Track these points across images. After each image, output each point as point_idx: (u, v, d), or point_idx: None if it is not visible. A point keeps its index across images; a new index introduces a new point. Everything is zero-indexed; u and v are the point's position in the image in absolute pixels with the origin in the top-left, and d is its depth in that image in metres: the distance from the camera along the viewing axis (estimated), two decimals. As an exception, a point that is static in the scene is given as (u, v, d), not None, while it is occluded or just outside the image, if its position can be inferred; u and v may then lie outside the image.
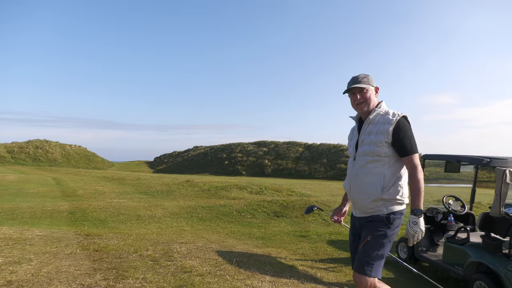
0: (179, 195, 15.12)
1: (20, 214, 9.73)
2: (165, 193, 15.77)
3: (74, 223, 8.87)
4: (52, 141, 57.72)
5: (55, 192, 15.42)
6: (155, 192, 16.16)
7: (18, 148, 52.36)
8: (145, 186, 18.19)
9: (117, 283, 3.59)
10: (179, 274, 4.01)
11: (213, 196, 14.35)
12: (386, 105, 2.68)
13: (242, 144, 58.27)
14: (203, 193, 15.31)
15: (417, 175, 2.42)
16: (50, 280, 3.60)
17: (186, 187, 17.03)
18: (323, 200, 12.11)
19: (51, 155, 52.90)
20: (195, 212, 10.95)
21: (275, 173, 45.57)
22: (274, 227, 9.24)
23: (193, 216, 10.46)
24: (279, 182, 22.13)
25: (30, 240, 5.55)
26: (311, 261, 5.55)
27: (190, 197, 14.54)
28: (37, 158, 50.84)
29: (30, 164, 47.57)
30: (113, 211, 10.68)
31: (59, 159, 53.17)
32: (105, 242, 5.70)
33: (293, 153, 49.01)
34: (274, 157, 49.82)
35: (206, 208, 11.50)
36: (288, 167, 46.26)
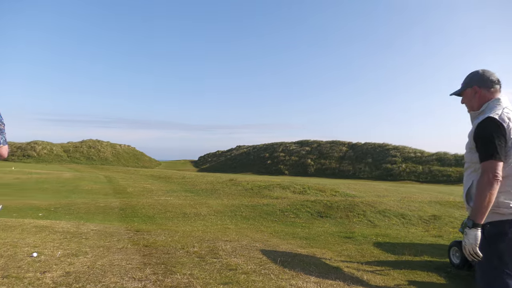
0: (223, 193, 15.37)
1: (76, 209, 10.34)
2: (209, 191, 16.10)
3: (124, 219, 9.28)
4: (103, 141, 60.87)
5: (107, 189, 16.24)
6: (200, 190, 16.54)
7: (73, 147, 55.73)
8: (190, 184, 18.68)
9: (165, 277, 3.71)
10: (225, 271, 4.07)
11: (256, 195, 14.45)
12: (497, 104, 2.33)
13: (284, 143, 58.19)
14: (246, 192, 15.46)
15: (480, 183, 2.16)
16: (104, 272, 3.79)
17: (230, 186, 17.28)
18: (368, 201, 11.81)
19: (102, 154, 55.77)
20: (238, 210, 11.09)
21: (318, 173, 45.09)
22: (318, 227, 9.14)
23: (237, 214, 10.59)
24: (322, 182, 21.88)
25: (86, 234, 5.88)
26: (357, 263, 5.43)
27: (233, 196, 14.74)
28: (90, 157, 53.79)
29: (84, 162, 50.43)
30: (160, 208, 11.06)
31: (110, 158, 55.92)
32: (153, 238, 5.92)
33: (336, 153, 48.22)
34: (317, 156, 49.30)
35: (250, 207, 11.60)
36: (331, 167, 45.60)
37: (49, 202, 11.39)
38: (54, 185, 16.83)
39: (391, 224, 9.77)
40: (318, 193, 14.88)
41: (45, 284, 3.33)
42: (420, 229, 9.30)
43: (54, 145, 55.03)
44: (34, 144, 52.86)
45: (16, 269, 3.71)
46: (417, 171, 39.10)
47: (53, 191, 15.11)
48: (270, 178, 24.09)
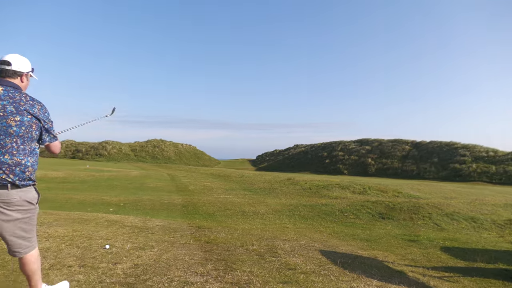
0: (280, 192, 15.40)
1: (143, 205, 10.95)
2: (267, 190, 16.21)
3: (187, 216, 9.66)
4: (166, 141, 63.83)
5: (170, 187, 17.00)
6: (258, 189, 16.72)
7: (139, 147, 59.10)
8: (248, 183, 18.94)
9: (226, 274, 3.81)
10: (284, 270, 4.08)
11: (315, 195, 14.29)
12: None
13: (343, 142, 56.86)
14: (304, 191, 15.35)
15: None
16: (169, 266, 3.98)
17: (288, 185, 17.26)
18: (434, 203, 11.17)
19: (166, 153, 58.50)
20: (297, 210, 11.04)
21: (379, 173, 43.49)
22: (380, 229, 8.82)
23: (295, 214, 10.56)
24: (383, 182, 21.07)
25: (151, 229, 6.21)
26: (422, 268, 5.16)
27: (291, 195, 14.71)
28: (154, 156, 56.67)
29: (149, 161, 53.27)
30: (220, 206, 11.36)
31: (173, 156, 58.47)
32: (214, 235, 6.09)
33: (399, 152, 46.12)
34: (378, 155, 47.54)
35: (308, 206, 11.50)
36: (393, 167, 43.74)
37: (119, 198, 12.19)
38: (123, 182, 17.98)
39: (460, 228, 9.16)
40: (379, 194, 14.36)
41: (117, 275, 3.57)
42: (493, 234, 8.61)
43: (123, 144, 58.78)
44: (105, 144, 56.87)
45: (91, 259, 4.02)
46: (489, 172, 36.18)
47: (122, 188, 16.15)
48: (328, 177, 23.70)
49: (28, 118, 2.42)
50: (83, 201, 11.30)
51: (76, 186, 15.97)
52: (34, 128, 2.46)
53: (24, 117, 2.40)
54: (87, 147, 56.00)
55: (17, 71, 2.53)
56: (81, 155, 53.35)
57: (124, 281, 3.41)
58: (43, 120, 2.52)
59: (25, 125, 2.40)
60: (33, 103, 2.49)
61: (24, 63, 2.60)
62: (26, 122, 2.41)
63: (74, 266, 3.75)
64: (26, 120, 2.40)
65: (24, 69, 2.58)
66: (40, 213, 7.10)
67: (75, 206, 10.32)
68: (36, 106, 2.49)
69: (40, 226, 5.61)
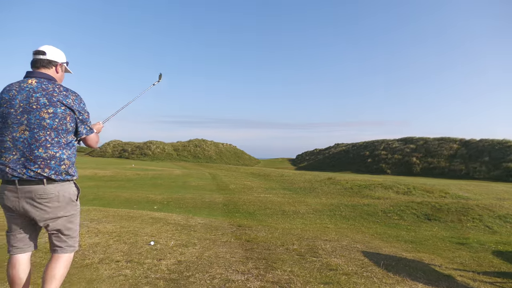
0: (321, 192, 15.23)
1: (185, 203, 11.24)
2: (307, 189, 16.09)
3: (227, 214, 9.79)
4: (208, 140, 64.99)
5: (211, 186, 17.30)
6: (298, 188, 16.63)
7: (181, 146, 60.61)
8: (288, 182, 18.89)
9: (267, 273, 3.83)
10: (325, 271, 4.04)
11: (356, 195, 14.00)
12: None
13: (386, 141, 55.13)
14: (346, 191, 15.08)
15: None
16: (210, 263, 4.06)
17: (328, 184, 17.03)
18: (485, 204, 10.58)
19: (207, 153, 59.57)
20: (338, 210, 10.87)
21: (424, 172, 41.77)
22: (426, 231, 8.49)
23: (336, 214, 10.40)
24: (429, 182, 20.24)
25: (194, 227, 6.36)
26: (472, 273, 4.91)
27: (332, 194, 14.50)
28: (196, 155, 57.89)
29: (191, 160, 54.51)
30: (260, 205, 11.42)
31: (214, 156, 59.44)
32: (255, 234, 6.14)
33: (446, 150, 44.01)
34: (423, 154, 45.65)
35: (350, 206, 11.29)
36: (440, 166, 41.82)
37: (163, 196, 12.58)
38: (166, 181, 18.53)
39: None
40: (424, 194, 13.81)
41: (161, 271, 3.70)
42: (553, 238, 8.02)
43: (166, 144, 60.55)
44: (149, 143, 58.85)
45: (137, 255, 4.18)
46: (547, 172, 33.69)
47: (166, 186, 16.65)
48: (370, 177, 23.10)
49: (62, 109, 2.32)
50: (129, 199, 11.77)
51: (123, 184, 16.66)
52: (69, 119, 2.35)
53: (58, 109, 2.30)
54: (133, 147, 58.23)
55: (52, 61, 2.48)
56: (127, 155, 55.55)
57: (168, 277, 3.52)
58: (78, 111, 2.40)
59: (59, 116, 2.30)
60: (67, 94, 2.38)
61: (58, 53, 2.55)
62: (60, 114, 2.31)
63: (122, 261, 3.92)
64: (59, 111, 2.31)
65: (58, 59, 2.53)
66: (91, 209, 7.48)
67: (122, 203, 10.78)
68: (70, 97, 2.38)
69: (91, 222, 5.91)
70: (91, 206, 8.63)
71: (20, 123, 2.25)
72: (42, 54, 2.45)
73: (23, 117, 2.26)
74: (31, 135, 2.25)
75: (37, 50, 2.45)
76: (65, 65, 2.62)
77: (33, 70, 2.44)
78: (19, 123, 2.25)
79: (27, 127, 2.25)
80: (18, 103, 2.28)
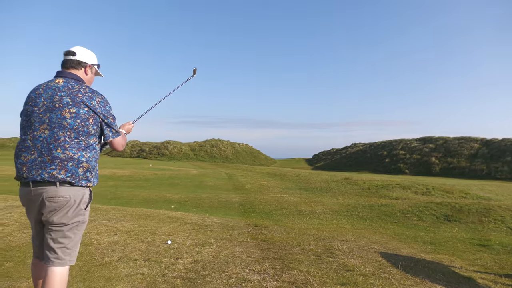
0: (338, 192, 15.10)
1: (201, 203, 11.31)
2: (324, 189, 15.98)
3: (244, 214, 9.82)
4: (224, 140, 65.31)
5: (228, 186, 17.37)
6: (314, 188, 16.53)
7: (198, 146, 61.10)
8: (304, 182, 18.80)
9: (283, 273, 3.82)
10: (342, 271, 4.01)
11: (374, 195, 13.83)
12: None
13: (404, 140, 54.30)
14: (363, 191, 14.91)
15: None
16: (227, 263, 4.08)
17: (345, 184, 16.88)
18: (507, 205, 10.31)
19: (223, 152, 59.86)
20: (355, 210, 10.77)
21: (444, 172, 40.98)
22: (445, 232, 8.32)
23: (353, 214, 10.30)
24: (449, 182, 19.83)
25: (210, 226, 6.40)
26: (493, 275, 4.79)
27: (349, 195, 14.36)
28: (212, 155, 58.24)
29: (207, 160, 54.86)
30: (276, 205, 11.40)
31: (230, 156, 59.68)
32: (271, 234, 6.14)
33: (466, 150, 43.05)
34: (442, 154, 44.77)
35: (367, 207, 11.17)
36: (460, 166, 40.94)
37: (180, 196, 12.70)
38: (183, 181, 18.70)
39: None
40: (444, 195, 13.54)
41: (178, 269, 3.74)
42: None
43: (183, 144, 61.12)
44: (167, 143, 59.52)
45: (155, 254, 4.24)
46: None
47: (182, 186, 16.80)
48: (388, 177, 22.79)
49: (85, 110, 2.25)
50: (147, 198, 11.93)
51: (141, 184, 16.89)
52: (91, 121, 2.28)
53: (80, 109, 2.24)
54: (151, 147, 58.98)
55: (81, 62, 2.44)
56: (145, 155, 56.30)
57: (185, 276, 3.56)
58: (102, 114, 2.33)
59: (81, 117, 2.23)
60: (92, 95, 2.32)
61: (89, 55, 2.52)
62: (82, 115, 2.24)
63: (140, 260, 3.98)
64: (82, 112, 2.24)
65: (88, 61, 2.49)
66: (110, 209, 7.61)
67: (140, 202, 10.93)
68: (95, 99, 2.32)
69: (109, 221, 6.01)
70: (110, 205, 8.78)
71: (42, 121, 2.21)
72: (72, 55, 2.42)
73: (45, 115, 2.21)
74: (50, 134, 2.19)
75: (68, 51, 2.43)
76: (96, 68, 2.57)
77: (62, 70, 2.41)
78: (41, 122, 2.21)
79: (48, 125, 2.20)
80: (43, 101, 2.24)
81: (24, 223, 5.49)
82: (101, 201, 10.20)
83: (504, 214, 9.44)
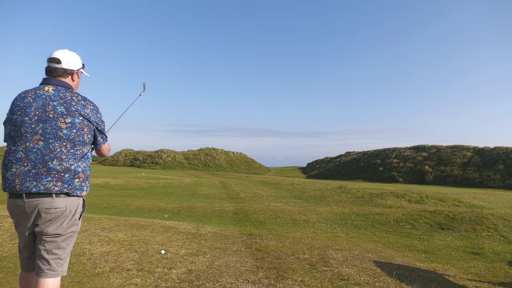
0: (332, 201, 15.11)
1: (195, 212, 11.25)
2: (318, 198, 15.98)
3: (238, 223, 9.77)
4: (218, 149, 65.19)
5: (222, 194, 17.31)
6: (309, 197, 16.53)
7: (192, 155, 60.91)
8: (299, 191, 18.80)
9: (277, 282, 3.80)
10: (336, 281, 3.99)
11: (368, 204, 13.86)
12: None
13: (398, 149, 54.66)
14: (357, 200, 14.94)
15: None
16: (221, 273, 4.05)
17: (339, 193, 16.90)
18: (500, 213, 10.38)
19: (217, 161, 59.73)
20: (349, 219, 10.77)
21: (437, 181, 41.24)
22: (439, 240, 8.35)
23: (347, 223, 10.30)
24: (442, 190, 19.94)
25: (204, 235, 6.36)
26: (487, 284, 4.80)
27: (343, 203, 14.37)
28: (207, 164, 58.07)
29: (201, 169, 54.67)
30: (271, 213, 11.36)
31: (224, 164, 59.54)
32: (265, 243, 6.11)
33: (459, 159, 43.41)
34: (435, 163, 45.09)
35: (361, 215, 11.18)
36: (453, 174, 41.24)
37: (173, 205, 12.62)
38: (177, 190, 18.60)
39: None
40: (438, 203, 13.61)
41: (171, 280, 3.70)
42: None
43: (177, 153, 60.90)
44: (160, 152, 59.26)
45: (148, 264, 4.20)
46: None
47: (176, 195, 16.71)
48: (382, 185, 22.87)
49: (80, 119, 2.24)
50: (140, 207, 11.84)
51: (134, 193, 16.77)
52: (86, 131, 2.28)
53: (76, 119, 2.22)
54: (144, 156, 58.69)
55: (67, 70, 2.37)
56: (139, 163, 55.98)
57: (178, 286, 3.52)
58: (95, 121, 2.34)
59: (76, 127, 2.22)
60: (85, 103, 2.31)
61: (74, 59, 2.42)
62: (78, 124, 2.23)
63: (132, 270, 3.93)
64: (77, 122, 2.23)
65: (74, 67, 2.41)
66: (102, 218, 7.53)
67: (133, 212, 10.84)
68: (88, 107, 2.31)
69: (102, 230, 5.95)
70: (103, 215, 8.70)
71: (34, 132, 2.15)
72: (57, 63, 2.34)
73: (38, 126, 2.16)
74: (45, 146, 2.15)
75: (52, 58, 2.35)
76: (82, 70, 2.51)
77: (49, 77, 2.34)
78: (33, 132, 2.15)
79: (42, 136, 2.15)
80: (33, 111, 2.18)
81: (15, 233, 5.41)
82: (94, 211, 10.11)
83: (497, 222, 9.50)
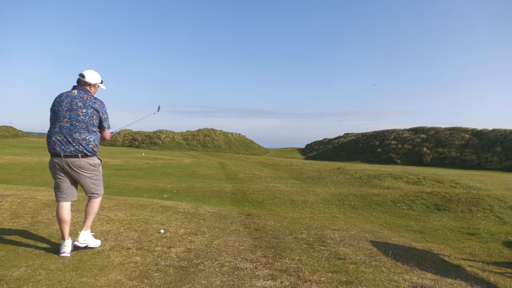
0: (330, 182, 15.21)
1: (194, 192, 11.33)
2: (316, 179, 16.08)
3: (236, 203, 9.85)
4: (217, 129, 65.12)
5: (220, 175, 17.39)
6: (307, 178, 16.62)
7: (191, 136, 60.89)
8: (297, 172, 18.89)
9: (275, 261, 3.86)
10: (333, 260, 4.05)
11: (366, 185, 13.95)
12: None
13: (396, 130, 54.69)
14: (355, 181, 15.03)
15: None
16: (219, 252, 4.10)
17: (337, 174, 16.99)
18: (496, 195, 10.48)
19: (216, 142, 59.76)
20: (347, 199, 10.86)
21: (435, 162, 41.45)
22: (435, 221, 8.45)
23: (345, 203, 10.40)
24: (440, 172, 20.05)
25: (203, 215, 6.42)
26: (482, 263, 4.89)
27: (341, 184, 14.47)
28: (205, 145, 58.13)
29: (200, 149, 54.75)
30: (269, 194, 11.45)
31: (223, 145, 59.61)
32: (263, 223, 6.17)
33: (457, 140, 43.51)
34: (434, 144, 45.22)
35: (359, 196, 11.27)
36: (451, 156, 41.42)
37: (172, 185, 12.69)
38: (176, 170, 18.67)
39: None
40: (435, 184, 13.71)
41: (171, 258, 3.75)
42: None
43: (176, 133, 60.87)
44: (159, 133, 59.23)
45: (147, 243, 4.24)
46: (562, 162, 33.14)
47: (175, 175, 16.78)
48: (380, 167, 22.99)
49: (91, 110, 3.65)
50: (140, 187, 11.90)
51: (133, 173, 16.84)
52: (95, 117, 3.70)
53: (88, 110, 3.63)
54: (143, 136, 58.66)
55: (87, 82, 3.77)
56: (137, 144, 56.02)
57: (177, 265, 3.57)
58: (101, 112, 3.76)
59: (89, 115, 3.64)
60: (95, 101, 3.71)
61: (94, 77, 3.82)
62: (90, 113, 3.64)
63: (132, 249, 3.98)
64: (89, 112, 3.64)
65: (93, 81, 3.81)
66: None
67: (132, 192, 10.91)
68: (97, 103, 3.71)
69: (102, 210, 5.99)
70: (102, 195, 8.74)
71: (64, 117, 3.56)
72: (82, 77, 3.75)
73: (67, 113, 3.57)
74: (71, 124, 3.56)
75: (81, 74, 3.76)
76: (99, 84, 3.91)
77: (76, 85, 3.75)
78: (63, 117, 3.57)
79: (69, 119, 3.56)
80: (65, 104, 3.59)
81: (15, 212, 5.45)
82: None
83: (492, 204, 9.60)
